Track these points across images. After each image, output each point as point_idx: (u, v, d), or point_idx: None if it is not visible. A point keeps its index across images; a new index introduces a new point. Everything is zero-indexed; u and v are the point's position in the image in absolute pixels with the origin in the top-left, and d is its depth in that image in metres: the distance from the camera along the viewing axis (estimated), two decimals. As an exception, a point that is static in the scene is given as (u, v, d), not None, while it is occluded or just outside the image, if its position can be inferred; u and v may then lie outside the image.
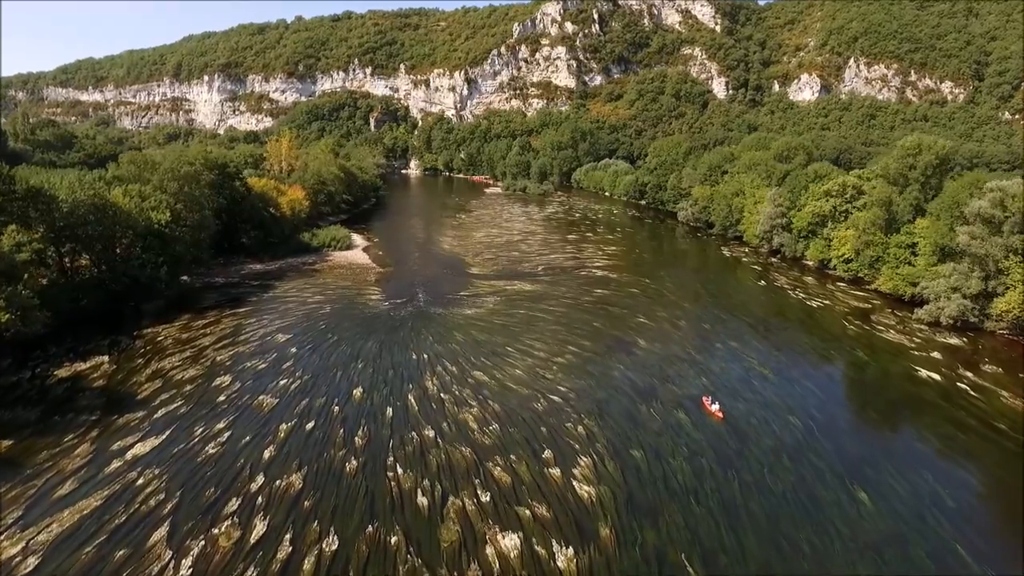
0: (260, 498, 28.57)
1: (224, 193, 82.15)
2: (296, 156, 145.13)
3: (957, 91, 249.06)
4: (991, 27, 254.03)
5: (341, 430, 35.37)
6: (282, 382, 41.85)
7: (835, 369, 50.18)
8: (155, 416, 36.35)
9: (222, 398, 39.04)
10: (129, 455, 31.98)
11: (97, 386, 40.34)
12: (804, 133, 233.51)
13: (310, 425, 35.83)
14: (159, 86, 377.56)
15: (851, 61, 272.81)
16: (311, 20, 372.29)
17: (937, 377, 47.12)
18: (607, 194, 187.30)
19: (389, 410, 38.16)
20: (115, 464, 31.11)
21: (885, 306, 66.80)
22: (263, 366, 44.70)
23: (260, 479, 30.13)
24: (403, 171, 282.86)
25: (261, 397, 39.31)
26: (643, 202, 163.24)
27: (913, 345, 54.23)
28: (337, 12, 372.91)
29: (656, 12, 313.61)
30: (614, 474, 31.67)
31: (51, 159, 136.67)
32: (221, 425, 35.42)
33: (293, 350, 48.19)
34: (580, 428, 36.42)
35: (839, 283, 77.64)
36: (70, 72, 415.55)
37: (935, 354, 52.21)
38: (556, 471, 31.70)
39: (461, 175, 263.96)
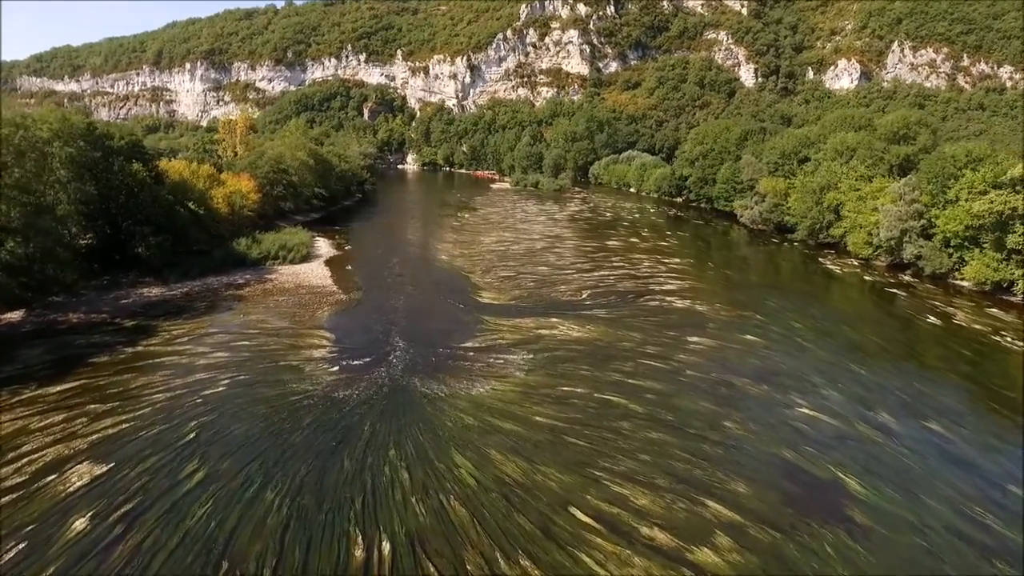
0: None
1: (112, 179, 55.07)
2: (275, 145, 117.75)
3: (1018, 76, 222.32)
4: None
5: None
6: None
7: None
8: None
9: None
10: None
11: None
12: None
13: None
14: (138, 75, 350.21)
15: (895, 45, 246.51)
16: (302, 5, 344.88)
17: None
18: (632, 190, 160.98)
19: None
20: None
21: None
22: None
23: None
24: (399, 166, 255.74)
25: None
26: (679, 199, 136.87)
27: None
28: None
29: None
30: None
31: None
32: None
33: (79, 525, 20.66)
34: None
35: (1044, 319, 50.41)
36: (45, 60, 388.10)
37: None
38: None
39: (463, 170, 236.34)
